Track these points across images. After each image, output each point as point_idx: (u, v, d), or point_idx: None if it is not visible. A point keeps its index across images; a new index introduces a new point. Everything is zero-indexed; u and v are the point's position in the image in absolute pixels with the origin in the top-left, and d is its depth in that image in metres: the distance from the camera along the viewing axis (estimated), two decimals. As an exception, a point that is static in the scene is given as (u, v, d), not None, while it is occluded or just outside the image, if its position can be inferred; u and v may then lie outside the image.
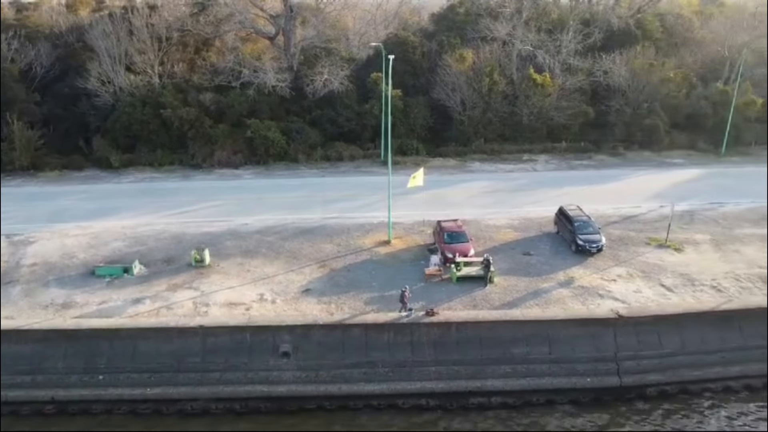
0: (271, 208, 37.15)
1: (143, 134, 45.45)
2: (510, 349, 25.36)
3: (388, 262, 30.97)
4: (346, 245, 32.84)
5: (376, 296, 27.98)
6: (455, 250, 30.06)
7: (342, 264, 30.92)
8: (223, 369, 24.84)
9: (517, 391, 24.63)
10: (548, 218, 35.03)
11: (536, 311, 26.73)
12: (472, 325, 25.74)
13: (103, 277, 29.56)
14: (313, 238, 33.43)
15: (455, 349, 25.28)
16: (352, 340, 25.50)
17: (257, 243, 33.01)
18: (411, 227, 34.72)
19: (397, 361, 25.16)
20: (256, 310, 26.91)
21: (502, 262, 30.54)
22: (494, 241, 33.03)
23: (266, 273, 30.07)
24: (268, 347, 25.19)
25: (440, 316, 26.00)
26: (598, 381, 24.99)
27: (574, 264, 30.67)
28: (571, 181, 41.65)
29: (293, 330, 25.44)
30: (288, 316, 26.47)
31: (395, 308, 26.56)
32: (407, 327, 25.72)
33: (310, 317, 26.26)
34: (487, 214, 36.34)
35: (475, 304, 27.32)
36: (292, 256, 31.71)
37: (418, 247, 32.60)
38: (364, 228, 34.61)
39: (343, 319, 26.09)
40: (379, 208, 35.77)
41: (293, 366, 24.97)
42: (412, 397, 24.52)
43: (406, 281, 28.81)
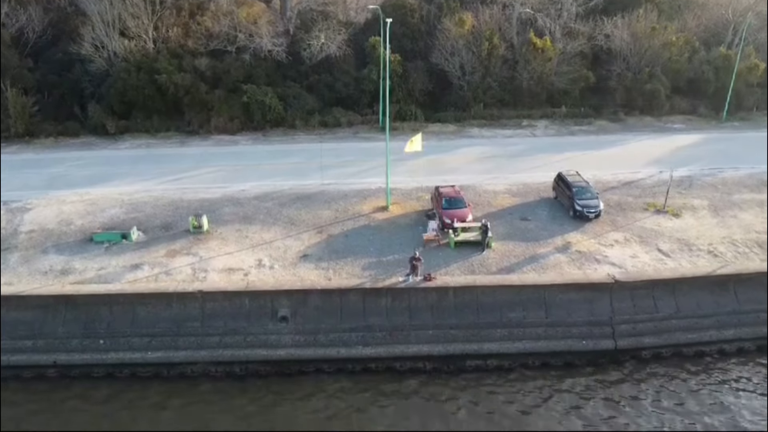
0: (268, 174, 36.98)
1: (139, 100, 44.90)
2: (507, 314, 25.54)
3: (386, 228, 30.92)
4: (344, 211, 32.72)
5: (374, 261, 27.95)
6: (453, 216, 29.93)
7: (340, 230, 30.85)
8: (223, 333, 24.96)
9: (513, 354, 24.90)
10: (547, 184, 34.89)
11: (533, 276, 26.73)
12: (469, 289, 25.80)
13: (101, 244, 29.51)
14: (311, 204, 33.31)
15: (452, 313, 25.46)
16: (350, 305, 25.60)
17: (255, 209, 32.90)
18: (409, 193, 34.61)
19: (395, 325, 25.32)
20: (255, 276, 26.87)
21: (499, 228, 30.50)
22: (492, 207, 32.98)
23: (264, 239, 30.02)
24: (266, 312, 25.27)
25: (438, 281, 26.06)
26: (593, 344, 25.21)
27: (572, 229, 30.63)
28: (571, 146, 41.42)
29: (291, 295, 25.49)
30: (286, 281, 26.43)
31: (393, 273, 26.60)
32: (405, 292, 25.78)
33: (308, 282, 26.24)
34: (486, 179, 36.20)
35: (473, 270, 27.36)
36: (289, 222, 31.62)
37: (416, 212, 32.50)
38: (362, 194, 34.52)
39: (340, 283, 26.12)
40: (377, 174, 35.63)
41: (291, 330, 25.09)
42: (409, 360, 24.72)
43: (403, 247, 28.89)
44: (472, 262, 27.91)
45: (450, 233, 29.39)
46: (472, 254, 28.43)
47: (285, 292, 25.57)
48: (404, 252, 28.39)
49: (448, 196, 31.11)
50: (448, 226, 29.71)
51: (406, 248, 28.67)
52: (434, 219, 30.87)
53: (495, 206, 33.06)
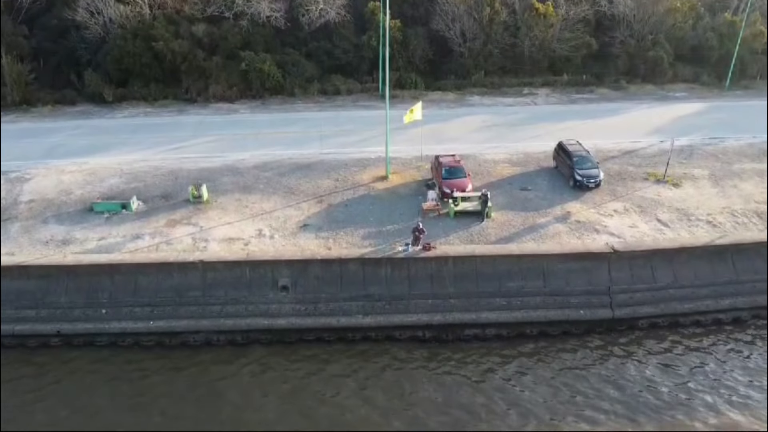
0: (267, 143, 36.75)
1: (135, 68, 44.28)
2: (505, 283, 25.59)
3: (386, 198, 30.85)
4: (344, 180, 32.62)
5: (374, 231, 27.92)
6: (453, 186, 29.78)
7: (339, 199, 30.78)
8: (224, 303, 25.07)
9: (512, 323, 25.00)
10: (547, 153, 34.68)
11: (532, 246, 26.71)
12: (468, 259, 25.79)
13: (102, 214, 29.45)
14: (311, 174, 33.18)
15: (452, 283, 25.57)
16: (350, 274, 25.65)
17: (254, 179, 32.79)
18: (409, 162, 34.46)
19: (395, 294, 25.39)
20: (255, 246, 26.91)
21: (499, 197, 30.37)
22: (492, 177, 32.82)
23: (264, 209, 29.99)
24: (267, 281, 25.36)
25: (437, 250, 26.04)
26: (590, 313, 25.28)
27: (572, 199, 30.54)
28: (572, 115, 41.02)
29: (292, 264, 25.53)
30: (286, 251, 26.45)
31: (393, 243, 26.59)
32: (404, 262, 25.79)
33: (308, 252, 26.26)
34: (486, 149, 35.98)
35: (472, 239, 27.36)
36: (289, 191, 31.53)
37: (415, 182, 32.39)
38: (362, 163, 34.36)
39: (339, 253, 26.12)
40: (376, 143, 35.36)
41: (292, 299, 25.20)
42: (409, 329, 24.86)
43: (403, 217, 28.86)
44: (471, 231, 27.87)
45: (450, 203, 29.28)
46: (472, 224, 28.37)
47: (285, 261, 25.57)
48: (404, 221, 28.40)
49: (448, 165, 30.98)
50: (448, 196, 29.59)
51: (405, 218, 28.68)
52: (434, 188, 30.72)
53: (495, 176, 32.94)
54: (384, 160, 33.35)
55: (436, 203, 29.63)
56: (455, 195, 29.37)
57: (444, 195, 29.91)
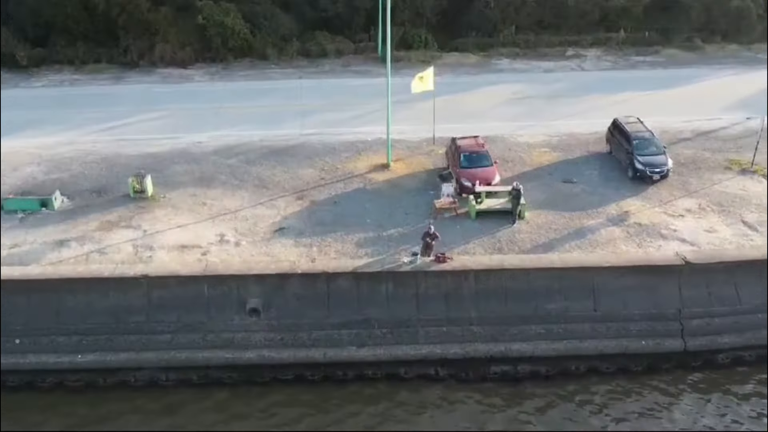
0: (232, 121, 36.92)
1: (58, 22, 44.65)
2: (543, 305, 25.64)
3: (387, 193, 31.06)
4: (332, 170, 32.85)
5: (371, 237, 28.03)
6: (475, 177, 29.92)
7: (326, 195, 31.01)
8: (175, 330, 25.17)
9: (552, 357, 25.08)
10: (598, 134, 34.90)
11: (578, 256, 26.78)
12: (495, 273, 25.84)
13: (15, 213, 29.39)
14: (289, 161, 33.38)
15: (473, 304, 25.61)
16: (340, 293, 25.70)
17: (215, 167, 32.92)
18: (417, 146, 34.65)
19: (399, 319, 25.42)
20: (216, 255, 26.98)
21: (536, 192, 30.48)
22: (526, 165, 32.99)
23: (227, 207, 30.11)
24: (231, 302, 25.44)
25: (454, 262, 26.10)
26: (655, 344, 25.36)
27: (631, 194, 30.64)
28: (631, 84, 41.14)
29: (264, 280, 25.57)
30: (257, 262, 26.48)
31: (396, 252, 26.73)
32: (411, 277, 25.77)
33: (286, 264, 26.28)
34: (518, 128, 36.06)
35: (500, 247, 27.39)
36: (261, 184, 31.72)
37: (425, 172, 32.60)
38: (356, 147, 34.61)
39: (327, 266, 26.13)
40: (375, 122, 35.53)
41: (264, 326, 25.26)
42: (417, 365, 24.95)
43: (410, 218, 29.01)
44: (499, 237, 27.92)
45: (470, 200, 29.35)
46: (500, 227, 28.46)
47: (255, 276, 25.64)
48: (410, 224, 28.63)
49: (469, 150, 31.03)
50: (468, 191, 29.66)
51: (412, 219, 28.87)
52: (449, 181, 30.79)
53: (530, 164, 33.04)
54: (384, 144, 33.47)
55: (453, 200, 29.67)
56: (478, 189, 29.43)
57: (463, 189, 30.03)
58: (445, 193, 29.90)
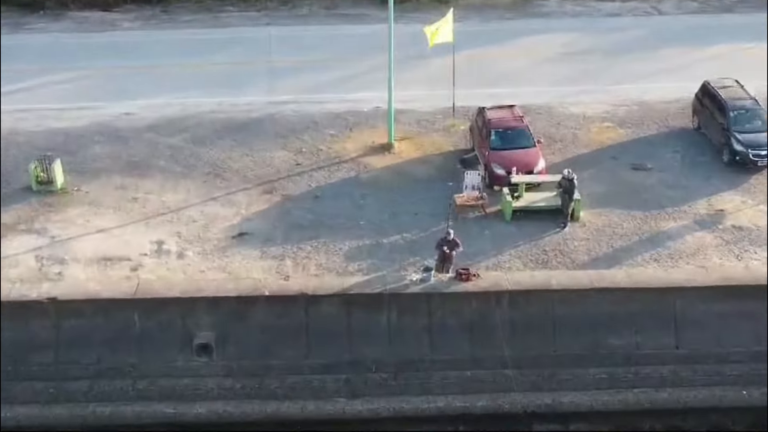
0: (174, 84, 35.66)
1: None
2: (606, 339, 24.35)
3: (389, 184, 29.97)
4: (313, 153, 31.74)
5: (367, 245, 26.81)
6: (511, 162, 29.01)
7: (304, 187, 29.90)
8: (95, 375, 23.98)
9: (617, 413, 24.07)
10: (681, 103, 33.94)
11: (654, 272, 25.53)
12: (538, 296, 24.55)
13: None
14: (253, 141, 32.36)
15: (508, 338, 24.10)
16: (325, 323, 24.44)
17: (150, 149, 31.80)
18: (430, 120, 33.48)
19: (405, 360, 24.31)
20: (151, 272, 25.81)
21: (595, 184, 29.55)
22: (581, 145, 31.92)
23: (168, 204, 28.93)
24: (173, 337, 24.13)
25: (482, 280, 24.59)
26: (761, 395, 23.98)
27: (726, 186, 29.56)
28: (726, 33, 39.18)
29: (218, 306, 24.27)
30: (208, 281, 25.17)
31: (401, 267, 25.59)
32: (423, 301, 24.39)
33: (248, 283, 24.91)
34: (570, 95, 35.01)
35: (545, 260, 26.21)
36: (213, 172, 30.60)
37: (441, 155, 31.56)
38: (346, 121, 33.47)
39: (305, 285, 24.62)
40: (371, 85, 34.49)
41: (219, 369, 24.04)
42: (431, 422, 24.14)
43: (420, 219, 27.80)
44: (543, 246, 26.75)
45: (504, 194, 28.19)
46: (545, 232, 27.40)
47: (206, 301, 24.27)
48: (420, 228, 27.52)
49: (503, 126, 30.24)
50: (501, 181, 28.77)
51: (423, 221, 27.67)
52: (475, 168, 29.95)
53: (586, 144, 32.03)
54: (385, 116, 32.47)
55: (480, 195, 28.48)
56: (515, 179, 28.44)
57: (494, 180, 29.16)
58: (469, 184, 28.73)
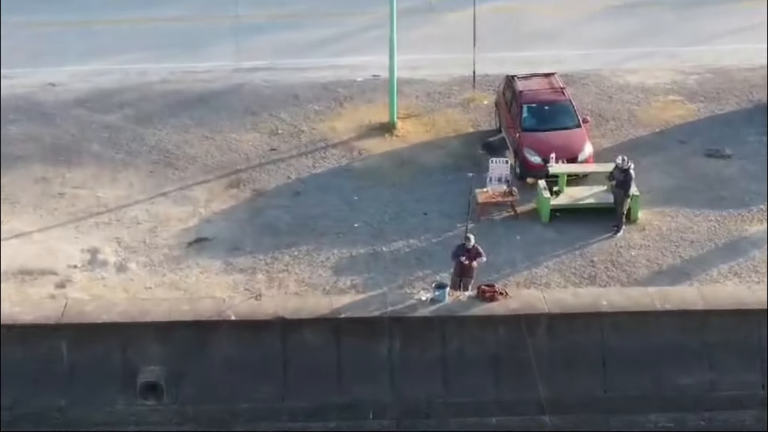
0: (112, 45, 35.61)
1: None
2: (671, 377, 23.30)
3: (390, 176, 29.45)
4: (292, 135, 31.33)
5: (362, 255, 26.08)
6: (549, 147, 28.07)
7: (281, 179, 29.41)
8: (11, 422, 23.06)
9: None
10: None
11: (734, 289, 24.66)
12: (584, 320, 23.53)
13: None
14: (214, 119, 31.94)
15: (544, 375, 23.21)
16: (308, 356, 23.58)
17: (82, 130, 31.32)
18: (444, 91, 33.13)
19: (411, 403, 23.52)
20: (84, 289, 24.78)
21: (657, 175, 28.91)
22: (640, 125, 31.43)
23: (105, 201, 28.30)
24: (111, 372, 23.20)
25: (510, 299, 23.58)
26: None
27: None
28: None
29: (170, 334, 23.36)
30: (157, 302, 24.17)
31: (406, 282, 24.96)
32: (434, 327, 23.38)
33: (209, 305, 23.70)
34: (625, 59, 34.86)
35: (593, 273, 25.26)
36: (163, 160, 30.12)
37: (458, 138, 31.09)
38: (334, 94, 33.17)
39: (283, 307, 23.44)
40: (367, 46, 34.84)
41: (170, 415, 23.14)
42: None
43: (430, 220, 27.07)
44: (591, 255, 25.89)
45: (540, 188, 27.26)
46: (593, 237, 26.59)
47: (154, 327, 23.34)
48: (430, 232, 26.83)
49: (538, 99, 29.55)
50: (536, 170, 27.94)
51: (435, 223, 27.00)
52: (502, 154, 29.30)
53: (647, 123, 31.60)
54: (385, 87, 32.13)
55: (508, 189, 27.57)
56: (554, 170, 27.62)
57: (528, 169, 28.41)
58: (494, 176, 27.80)
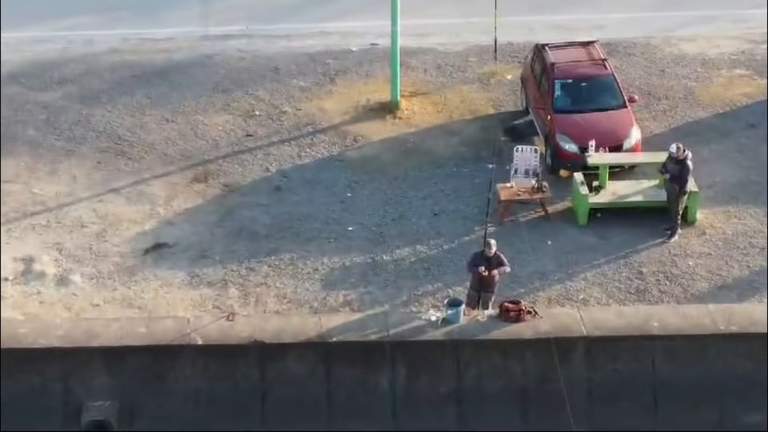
0: (51, 6, 35.75)
1: None
2: (736, 412, 22.65)
3: (391, 167, 29.23)
4: (272, 117, 31.25)
5: (358, 265, 25.73)
6: (587, 132, 27.72)
7: (259, 172, 29.17)
8: None
9: None
10: None
11: None
12: (629, 344, 23.05)
13: None
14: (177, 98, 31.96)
15: (583, 411, 22.39)
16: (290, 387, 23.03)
17: (13, 111, 31.32)
18: (458, 64, 33.24)
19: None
20: (16, 307, 24.51)
21: (720, 167, 28.66)
22: (698, 106, 31.30)
23: (42, 198, 28.09)
24: (50, 407, 22.61)
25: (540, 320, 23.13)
26: None
27: None
28: None
29: (121, 361, 22.88)
30: (106, 322, 23.51)
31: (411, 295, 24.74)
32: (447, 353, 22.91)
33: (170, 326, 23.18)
34: (680, 24, 35.30)
35: (641, 287, 24.74)
36: (114, 148, 29.80)
37: (475, 121, 30.89)
38: (323, 66, 33.32)
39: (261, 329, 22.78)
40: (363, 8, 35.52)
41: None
42: None
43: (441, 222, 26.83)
44: (638, 264, 25.50)
45: (576, 182, 26.85)
46: (641, 242, 26.16)
47: (103, 352, 22.87)
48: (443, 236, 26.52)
49: (573, 73, 29.29)
50: (572, 160, 27.65)
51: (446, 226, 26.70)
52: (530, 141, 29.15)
53: (707, 103, 31.51)
54: (385, 58, 32.44)
55: (538, 183, 27.03)
56: (593, 160, 27.19)
57: (561, 159, 28.07)
58: (520, 167, 27.53)
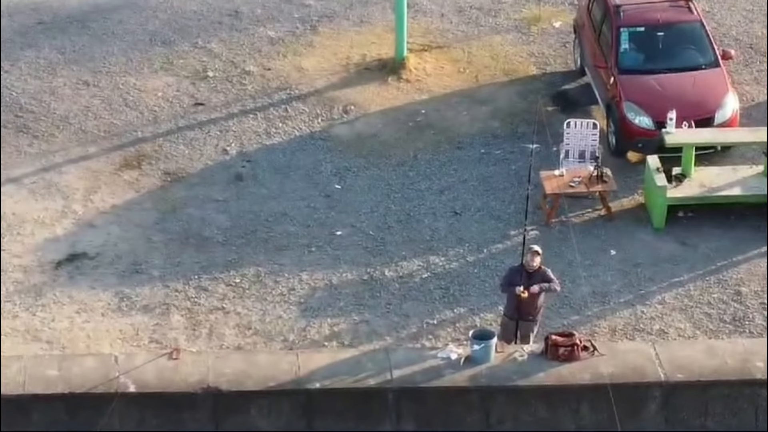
0: None
1: None
2: None
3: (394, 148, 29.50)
4: (231, 80, 31.88)
5: (348, 282, 25.79)
6: (664, 100, 27.87)
7: (212, 154, 29.45)
8: None
9: None
10: None
11: None
12: (725, 389, 22.66)
13: None
14: (98, 52, 32.54)
15: None
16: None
17: None
18: (486, 7, 34.24)
19: None
20: None
21: None
22: None
23: None
24: None
25: (601, 358, 22.72)
26: None
27: None
28: None
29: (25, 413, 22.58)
30: (3, 361, 23.24)
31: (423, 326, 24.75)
32: (470, 403, 22.67)
33: (91, 366, 22.77)
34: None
35: (739, 314, 24.89)
36: (13, 123, 30.26)
37: (511, 85, 31.61)
38: (301, 8, 34.44)
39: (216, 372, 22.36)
40: None
41: None
42: None
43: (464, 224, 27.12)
44: (735, 281, 25.62)
45: (649, 169, 27.06)
46: (738, 252, 26.26)
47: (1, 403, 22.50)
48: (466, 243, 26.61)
49: (645, 20, 29.85)
50: (644, 139, 28.01)
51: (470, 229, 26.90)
52: (586, 112, 30.02)
53: None
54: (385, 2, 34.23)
55: (597, 170, 27.07)
56: (672, 139, 27.27)
57: (629, 137, 28.36)
58: (573, 149, 27.59)
